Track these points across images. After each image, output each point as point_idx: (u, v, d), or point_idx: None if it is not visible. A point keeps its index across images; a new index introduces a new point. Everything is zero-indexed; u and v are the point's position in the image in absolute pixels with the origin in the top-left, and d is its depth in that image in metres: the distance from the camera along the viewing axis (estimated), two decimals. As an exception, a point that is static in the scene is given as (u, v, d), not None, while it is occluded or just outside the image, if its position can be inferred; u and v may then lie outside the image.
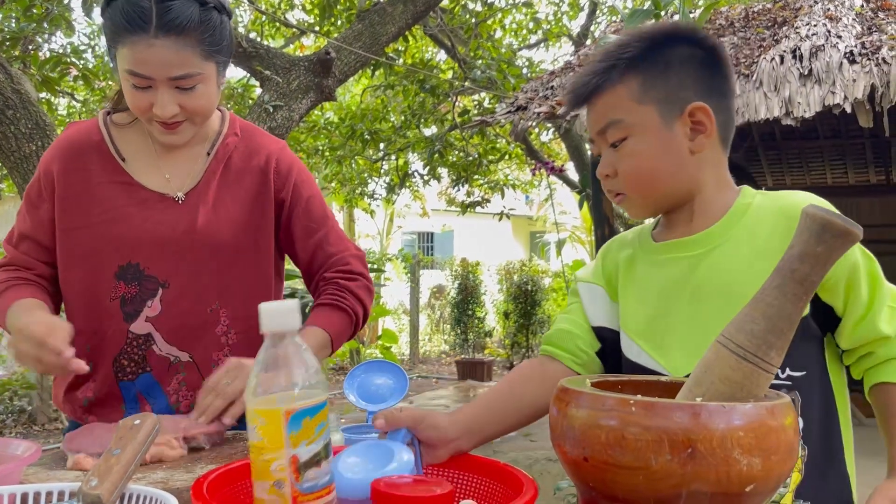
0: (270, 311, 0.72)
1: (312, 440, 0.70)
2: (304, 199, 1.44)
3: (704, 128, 1.08)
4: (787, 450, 0.68)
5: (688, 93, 1.08)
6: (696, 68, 1.10)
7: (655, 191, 1.11)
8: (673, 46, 1.10)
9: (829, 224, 0.68)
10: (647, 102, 1.08)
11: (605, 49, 1.11)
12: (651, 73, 1.08)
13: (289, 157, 1.46)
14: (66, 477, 0.96)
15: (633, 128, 1.08)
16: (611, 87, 1.09)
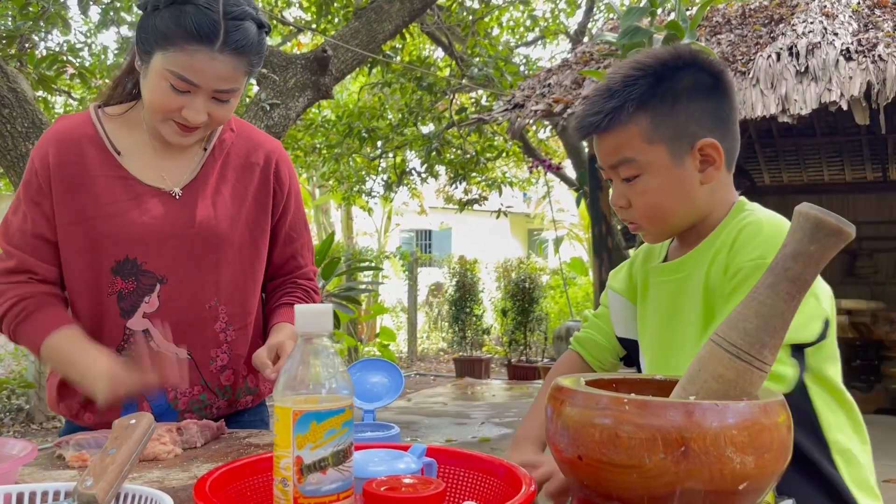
0: (304, 312, 0.73)
1: (319, 445, 0.70)
2: (294, 207, 1.46)
3: (714, 161, 1.11)
4: (781, 448, 0.68)
5: (696, 128, 1.10)
6: (702, 99, 1.11)
7: (669, 222, 1.14)
8: (678, 77, 1.10)
9: (822, 223, 0.69)
10: (657, 142, 1.09)
11: (612, 84, 1.11)
12: (660, 110, 1.09)
13: (287, 162, 1.48)
14: (61, 477, 0.96)
15: (645, 166, 1.10)
16: (620, 126, 1.10)
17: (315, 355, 0.73)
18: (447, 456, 0.91)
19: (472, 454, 0.90)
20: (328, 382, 0.72)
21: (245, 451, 1.11)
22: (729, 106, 1.13)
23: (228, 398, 1.40)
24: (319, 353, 0.73)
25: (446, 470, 0.91)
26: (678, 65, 1.10)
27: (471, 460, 0.90)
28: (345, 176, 8.67)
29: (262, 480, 0.83)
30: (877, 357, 6.16)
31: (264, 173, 1.41)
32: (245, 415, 1.46)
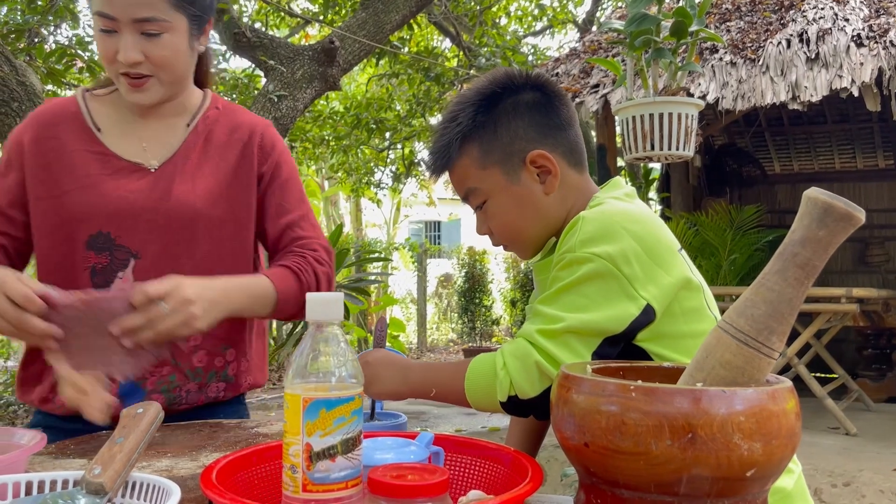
0: (314, 300, 0.74)
1: (328, 432, 0.70)
2: (282, 177, 1.42)
3: (549, 170, 1.15)
4: (789, 434, 0.68)
5: (521, 143, 1.15)
6: (523, 115, 1.16)
7: (528, 237, 1.19)
8: (497, 103, 1.16)
9: (831, 208, 0.68)
10: (489, 166, 1.15)
11: (441, 124, 1.19)
12: (484, 137, 1.15)
13: (274, 135, 1.44)
14: (70, 466, 0.96)
15: (487, 192, 1.17)
16: (454, 161, 1.17)
17: (325, 343, 0.73)
18: (454, 444, 0.92)
19: (479, 442, 0.90)
20: (338, 370, 0.72)
21: (253, 441, 1.12)
22: (557, 114, 1.17)
23: (199, 381, 1.35)
24: (330, 340, 0.73)
25: (454, 458, 0.91)
26: (495, 90, 1.16)
27: (478, 448, 0.90)
28: (353, 168, 8.68)
29: (270, 468, 0.84)
30: (888, 345, 6.12)
31: (248, 147, 1.39)
32: (220, 410, 1.41)
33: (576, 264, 1.03)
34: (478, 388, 1.05)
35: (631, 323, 1.01)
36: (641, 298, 1.01)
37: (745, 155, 7.33)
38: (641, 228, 1.04)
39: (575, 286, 1.03)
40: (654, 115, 2.02)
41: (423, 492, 0.71)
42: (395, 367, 1.13)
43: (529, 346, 1.02)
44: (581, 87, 5.10)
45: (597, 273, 1.01)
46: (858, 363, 6.32)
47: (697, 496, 0.66)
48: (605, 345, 1.02)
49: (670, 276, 1.04)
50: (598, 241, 1.02)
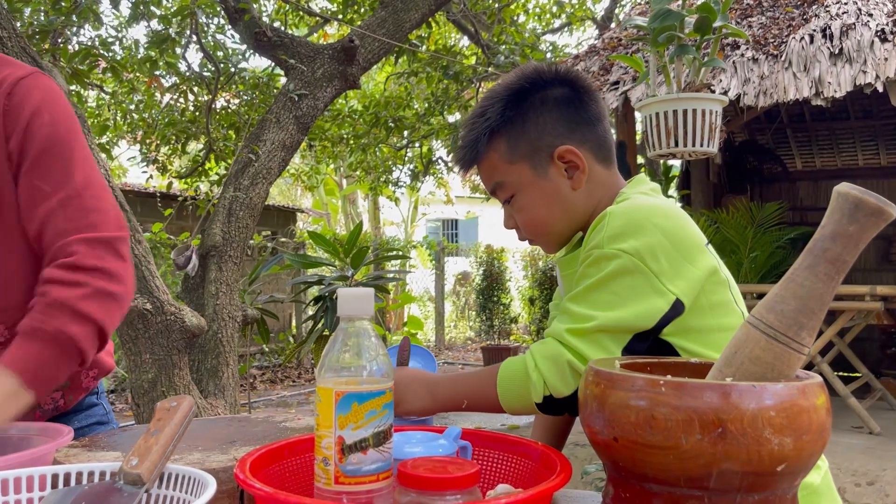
0: (345, 295, 0.75)
1: (360, 426, 0.71)
2: (36, 147, 1.04)
3: (577, 165, 1.15)
4: (819, 430, 0.68)
5: (550, 138, 1.15)
6: (552, 110, 1.16)
7: (553, 232, 1.20)
8: (526, 98, 1.16)
9: (862, 203, 0.68)
10: (517, 160, 1.16)
11: (470, 119, 1.20)
12: (512, 132, 1.16)
13: (29, 88, 1.06)
14: (105, 458, 0.98)
15: (514, 186, 1.17)
16: (483, 156, 1.18)
17: (356, 338, 0.74)
18: (482, 439, 0.92)
19: (506, 437, 0.91)
20: (369, 365, 0.73)
21: (282, 435, 1.13)
22: (586, 110, 1.18)
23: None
24: (361, 335, 0.74)
25: (481, 452, 0.91)
26: (524, 85, 1.17)
27: (505, 443, 0.90)
28: (372, 166, 8.69)
29: (301, 461, 0.85)
30: (913, 344, 6.05)
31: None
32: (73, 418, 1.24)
33: (604, 261, 1.03)
34: (511, 393, 1.05)
35: (660, 318, 1.01)
36: (670, 293, 1.01)
37: (766, 151, 7.27)
38: (669, 223, 1.04)
39: (603, 283, 1.03)
40: (677, 112, 2.01)
41: (452, 484, 0.72)
42: (421, 385, 1.13)
43: (560, 345, 1.03)
44: (601, 84, 5.08)
45: (625, 269, 1.02)
46: (882, 362, 6.24)
47: (727, 491, 0.67)
48: (635, 341, 1.02)
49: (698, 269, 1.04)
50: (625, 236, 1.03)
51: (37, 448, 0.88)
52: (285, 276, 8.69)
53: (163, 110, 6.42)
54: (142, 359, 3.41)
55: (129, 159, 7.12)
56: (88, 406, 1.34)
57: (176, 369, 3.49)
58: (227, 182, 4.28)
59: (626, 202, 1.10)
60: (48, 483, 0.77)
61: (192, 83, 6.06)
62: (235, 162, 4.35)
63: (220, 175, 6.05)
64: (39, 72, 1.11)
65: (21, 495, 0.75)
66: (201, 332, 3.61)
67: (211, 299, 4.03)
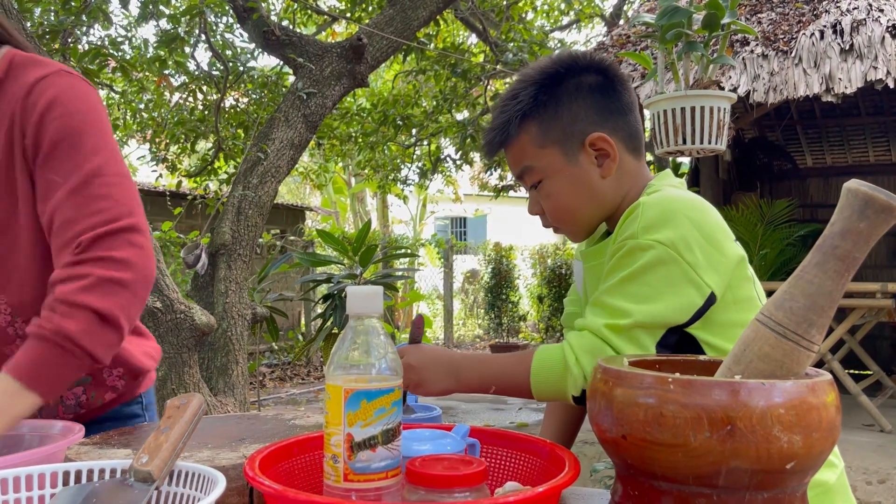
0: (354, 294, 0.75)
1: (369, 423, 0.71)
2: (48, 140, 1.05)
3: (608, 153, 1.14)
4: (829, 427, 0.68)
5: (583, 125, 1.14)
6: (585, 97, 1.15)
7: (580, 220, 1.18)
8: (560, 83, 1.15)
9: (872, 199, 0.67)
10: (548, 146, 1.15)
11: (502, 102, 1.19)
12: (545, 116, 1.14)
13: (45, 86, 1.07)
14: (116, 455, 0.99)
15: (543, 171, 1.16)
16: (513, 139, 1.16)
17: (365, 335, 0.74)
18: (490, 436, 0.92)
19: (515, 434, 0.91)
20: (378, 362, 0.73)
21: (291, 432, 1.13)
22: (619, 99, 1.17)
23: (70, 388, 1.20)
24: (370, 333, 0.74)
25: (489, 450, 0.92)
26: (558, 70, 1.16)
27: (514, 440, 0.90)
28: (380, 164, 8.71)
29: (311, 459, 0.85)
30: (925, 342, 6.01)
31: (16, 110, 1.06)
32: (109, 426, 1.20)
33: (638, 251, 1.03)
34: (546, 382, 1.05)
35: (695, 312, 1.02)
36: (706, 286, 1.02)
37: (776, 148, 7.23)
38: (700, 216, 1.05)
39: (639, 275, 1.02)
40: (685, 109, 2.00)
41: (461, 482, 0.72)
42: (443, 366, 1.12)
43: (601, 342, 1.02)
44: (609, 82, 5.06)
45: (660, 260, 1.01)
46: (893, 359, 6.21)
47: (736, 488, 0.67)
48: (668, 334, 1.03)
49: (729, 264, 1.05)
50: (659, 227, 1.02)
51: (48, 446, 0.88)
52: (294, 275, 8.72)
53: (172, 109, 6.45)
54: (152, 357, 3.43)
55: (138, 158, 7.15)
56: (130, 416, 1.31)
57: (186, 367, 3.50)
58: (237, 181, 4.29)
59: (658, 193, 1.10)
60: (59, 480, 0.77)
61: (200, 82, 6.08)
62: (244, 160, 4.36)
63: (230, 174, 6.08)
64: (63, 70, 1.11)
65: (33, 492, 0.76)
66: (211, 330, 3.63)
67: (220, 297, 4.04)
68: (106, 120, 1.13)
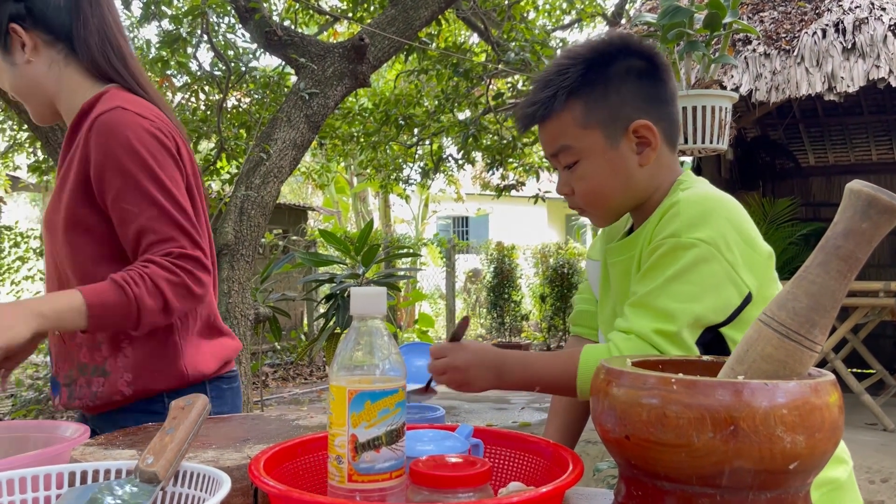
0: (358, 294, 0.75)
1: (373, 424, 0.72)
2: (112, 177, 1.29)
3: (649, 142, 1.13)
4: (832, 428, 0.68)
5: (629, 110, 1.12)
6: (634, 82, 1.13)
7: (610, 205, 1.17)
8: (610, 64, 1.13)
9: (875, 200, 0.67)
10: (591, 126, 1.12)
11: (546, 75, 1.15)
12: (592, 96, 1.12)
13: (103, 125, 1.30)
14: (121, 456, 0.99)
15: (582, 152, 1.13)
16: (556, 114, 1.13)
17: (369, 336, 0.74)
18: (494, 436, 0.93)
19: (518, 435, 0.91)
20: (382, 363, 0.74)
21: (294, 433, 1.14)
22: (664, 88, 1.15)
23: (86, 376, 1.38)
24: (373, 334, 0.75)
25: (493, 450, 0.92)
26: (609, 51, 1.13)
27: (517, 441, 0.91)
28: (382, 164, 8.70)
29: (315, 459, 0.85)
30: (928, 341, 6.00)
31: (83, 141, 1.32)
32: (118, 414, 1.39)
33: (681, 250, 1.02)
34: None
35: (732, 312, 1.03)
36: (744, 285, 1.03)
37: (778, 147, 7.22)
38: (735, 215, 1.06)
39: (683, 274, 1.02)
40: (687, 109, 2.00)
41: (464, 482, 0.72)
42: (487, 366, 1.11)
43: (649, 347, 1.02)
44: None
45: (703, 258, 1.01)
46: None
47: (739, 489, 0.67)
48: (704, 333, 1.04)
49: (761, 260, 1.06)
50: (700, 225, 1.02)
51: (54, 446, 0.89)
52: (297, 275, 8.72)
53: (174, 109, 6.45)
54: (155, 357, 3.43)
55: (141, 159, 7.13)
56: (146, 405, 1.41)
57: (189, 367, 3.50)
58: (239, 181, 4.30)
59: (693, 191, 1.09)
60: (65, 481, 0.78)
61: (203, 82, 6.09)
62: (247, 161, 4.36)
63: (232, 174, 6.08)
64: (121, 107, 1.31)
65: (38, 493, 0.76)
66: (214, 330, 3.63)
67: (223, 298, 4.05)
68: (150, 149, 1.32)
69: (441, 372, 1.13)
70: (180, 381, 1.40)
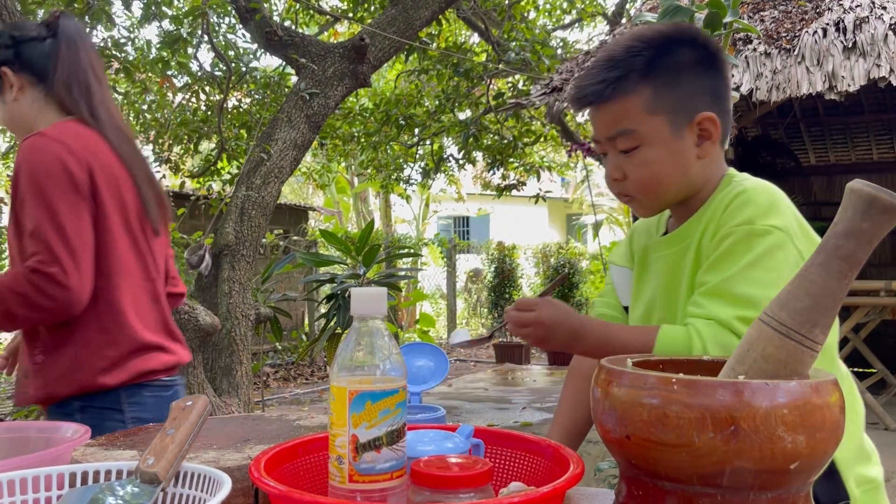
0: (358, 295, 0.75)
1: (374, 424, 0.72)
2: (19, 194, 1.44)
3: (710, 135, 1.12)
4: (833, 427, 0.68)
5: (696, 101, 1.11)
6: (701, 74, 1.12)
7: (663, 195, 1.15)
8: (679, 51, 1.11)
9: (875, 199, 0.67)
10: (658, 113, 1.10)
11: (613, 54, 1.12)
12: (662, 82, 1.10)
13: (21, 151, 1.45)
14: (122, 457, 0.99)
15: (644, 138, 1.11)
16: (623, 96, 1.10)
17: (370, 337, 0.74)
18: (494, 437, 0.92)
19: (519, 435, 0.91)
20: (382, 364, 0.74)
21: (295, 433, 1.14)
22: (724, 84, 1.15)
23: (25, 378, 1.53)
24: (374, 334, 0.74)
25: (494, 450, 0.92)
26: (680, 39, 1.12)
27: (518, 441, 0.91)
28: (383, 164, 8.71)
29: (315, 460, 0.85)
30: (929, 340, 5.99)
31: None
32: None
33: (756, 237, 1.03)
34: None
35: None
36: None
37: (779, 146, 7.22)
38: (794, 207, 1.07)
39: (760, 260, 1.02)
40: (688, 108, 2.00)
41: (465, 483, 0.72)
42: (568, 328, 1.10)
43: (731, 335, 1.01)
44: (612, 81, 5.06)
45: (778, 245, 1.02)
46: (897, 358, 6.19)
47: (740, 489, 0.67)
48: None
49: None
50: (772, 214, 1.03)
51: (54, 447, 0.89)
52: (298, 275, 8.72)
53: (175, 110, 6.46)
54: (156, 357, 3.43)
55: (142, 159, 7.14)
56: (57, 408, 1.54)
57: (190, 368, 3.51)
58: (240, 181, 4.30)
59: (754, 181, 1.10)
60: (66, 482, 0.78)
61: (203, 83, 6.09)
62: (247, 161, 4.37)
63: (233, 174, 6.08)
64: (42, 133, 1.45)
65: (39, 494, 0.76)
66: (215, 330, 3.63)
67: (224, 298, 4.05)
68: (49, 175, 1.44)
69: (525, 325, 1.11)
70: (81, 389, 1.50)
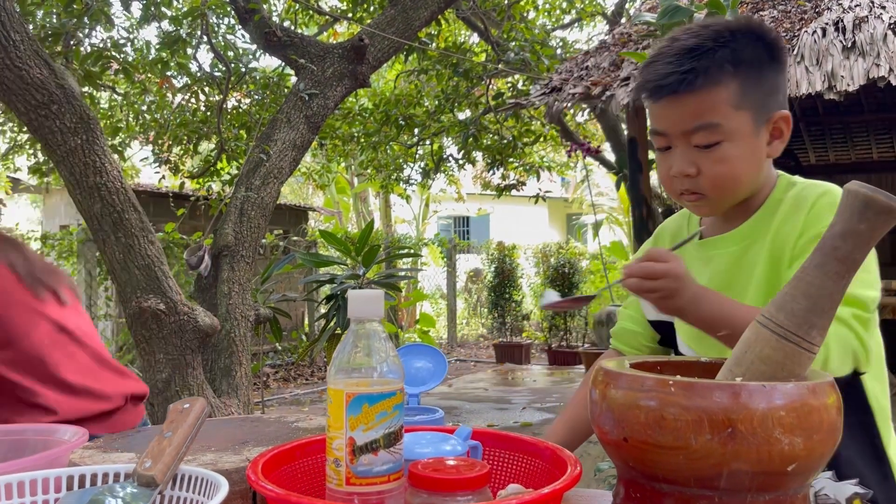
0: (355, 297, 0.75)
1: (371, 427, 0.72)
2: None
3: (781, 134, 1.10)
4: (830, 429, 0.68)
5: (776, 99, 1.08)
6: (778, 72, 1.09)
7: (736, 194, 1.11)
8: (758, 46, 1.07)
9: (872, 201, 0.67)
10: (743, 108, 1.06)
11: (698, 41, 1.05)
12: (750, 77, 1.05)
13: None
14: (120, 459, 0.99)
15: (729, 133, 1.06)
16: (710, 87, 1.04)
17: (367, 339, 0.74)
18: (492, 438, 0.92)
19: (517, 437, 0.91)
20: (379, 366, 0.73)
21: (294, 435, 1.14)
22: (785, 83, 1.13)
23: None
24: (371, 337, 0.74)
25: (492, 452, 0.92)
26: (759, 33, 1.08)
27: (516, 443, 0.91)
28: (382, 164, 8.71)
29: (313, 462, 0.85)
30: (929, 339, 5.99)
31: None
32: None
33: None
34: None
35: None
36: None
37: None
38: None
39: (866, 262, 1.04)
40: (686, 108, 2.00)
41: (463, 485, 0.72)
42: (693, 290, 1.02)
43: (848, 331, 0.99)
44: (611, 81, 5.06)
45: None
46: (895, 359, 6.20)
47: (738, 490, 0.67)
48: None
49: None
50: None
51: (52, 450, 0.89)
52: (297, 275, 8.72)
53: (174, 111, 6.46)
54: (155, 359, 3.43)
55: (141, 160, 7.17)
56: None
57: (189, 369, 3.51)
58: (239, 182, 4.30)
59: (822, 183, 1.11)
60: (63, 485, 0.78)
61: (203, 83, 6.09)
62: (247, 162, 4.36)
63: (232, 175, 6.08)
64: None
65: (37, 497, 0.76)
66: (214, 331, 3.63)
67: (223, 299, 4.05)
68: None
69: (657, 276, 1.01)
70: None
